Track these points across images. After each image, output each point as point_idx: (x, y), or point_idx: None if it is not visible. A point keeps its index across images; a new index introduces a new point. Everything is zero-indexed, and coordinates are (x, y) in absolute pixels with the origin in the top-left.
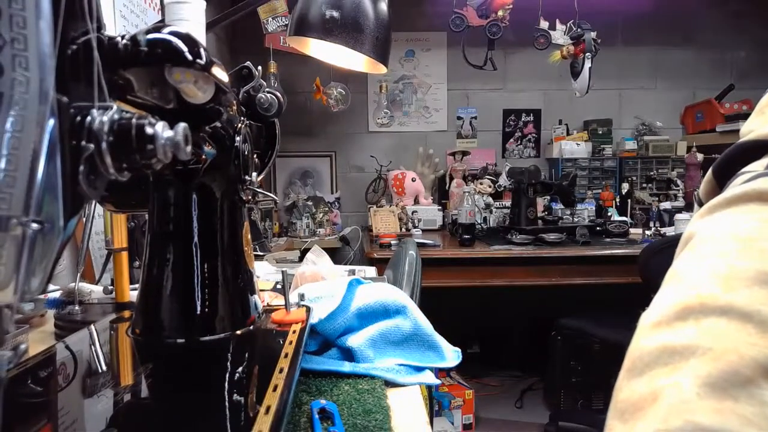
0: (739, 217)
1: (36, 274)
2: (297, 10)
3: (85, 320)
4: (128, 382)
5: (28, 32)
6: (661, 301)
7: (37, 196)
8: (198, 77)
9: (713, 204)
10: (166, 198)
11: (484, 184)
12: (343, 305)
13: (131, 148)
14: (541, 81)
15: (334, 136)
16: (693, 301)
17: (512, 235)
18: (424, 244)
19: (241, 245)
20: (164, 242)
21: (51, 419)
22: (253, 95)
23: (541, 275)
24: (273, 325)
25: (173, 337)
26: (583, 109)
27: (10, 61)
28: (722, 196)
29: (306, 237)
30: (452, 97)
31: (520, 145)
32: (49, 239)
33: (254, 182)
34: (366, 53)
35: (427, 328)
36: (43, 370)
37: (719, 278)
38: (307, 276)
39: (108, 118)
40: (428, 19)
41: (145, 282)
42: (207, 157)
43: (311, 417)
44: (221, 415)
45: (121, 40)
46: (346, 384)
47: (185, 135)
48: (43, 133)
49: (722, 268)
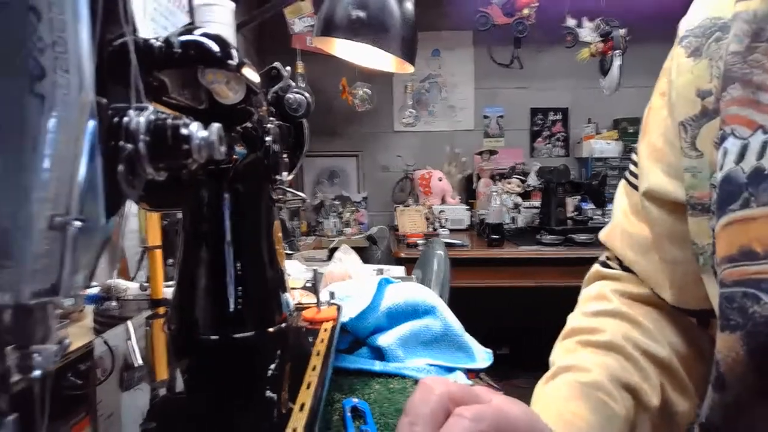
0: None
1: (79, 270)
2: (323, 10)
3: (122, 316)
4: (164, 376)
5: (67, 35)
6: None
7: (79, 195)
8: (230, 78)
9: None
10: (199, 198)
11: (512, 184)
12: (373, 304)
13: (167, 147)
14: (568, 79)
15: (360, 136)
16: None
17: (541, 236)
18: (452, 244)
19: (272, 244)
20: (198, 241)
21: (90, 411)
22: (282, 95)
23: (571, 276)
24: (304, 323)
25: (207, 334)
26: (613, 108)
27: (51, 64)
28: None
29: (333, 236)
30: (478, 96)
31: (549, 144)
32: (91, 237)
33: (284, 182)
34: (392, 52)
35: (458, 329)
36: (83, 364)
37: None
38: (335, 275)
39: (144, 119)
40: (454, 18)
41: (179, 280)
42: (238, 157)
43: (343, 415)
44: (256, 410)
45: (156, 42)
46: (377, 383)
47: (219, 135)
48: (84, 134)
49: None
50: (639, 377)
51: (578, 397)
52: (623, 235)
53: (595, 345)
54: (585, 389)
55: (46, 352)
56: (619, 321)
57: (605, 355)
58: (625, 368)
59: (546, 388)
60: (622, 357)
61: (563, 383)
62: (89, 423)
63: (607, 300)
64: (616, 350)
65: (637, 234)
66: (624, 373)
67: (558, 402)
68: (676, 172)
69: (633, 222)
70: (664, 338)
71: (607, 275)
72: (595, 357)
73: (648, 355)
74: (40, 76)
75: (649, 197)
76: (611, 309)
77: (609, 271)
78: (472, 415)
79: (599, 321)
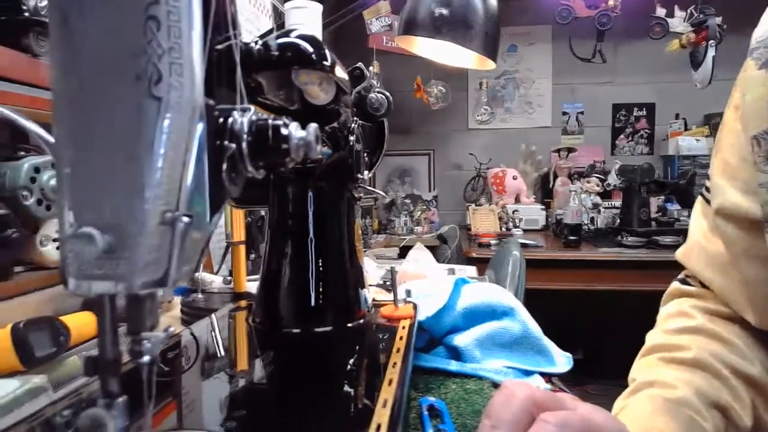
0: None
1: (186, 263)
2: (406, 9)
3: (207, 307)
4: (245, 367)
5: (182, 41)
6: None
7: (188, 192)
8: (322, 78)
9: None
10: (285, 195)
11: (591, 183)
12: (450, 304)
13: (268, 147)
14: (655, 73)
15: (433, 135)
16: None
17: (623, 237)
18: (526, 245)
19: (352, 241)
20: (283, 237)
21: (176, 397)
22: (365, 95)
23: (654, 280)
24: (382, 319)
25: (289, 327)
26: (704, 102)
27: (167, 68)
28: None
29: (404, 234)
30: (557, 91)
31: (632, 141)
32: (197, 233)
33: (365, 180)
34: (475, 49)
35: (537, 332)
36: (171, 352)
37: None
38: (409, 273)
39: (247, 120)
40: (532, 12)
41: (264, 275)
42: (324, 157)
43: (420, 413)
44: (339, 405)
45: (255, 45)
46: (453, 383)
47: (316, 135)
48: (194, 134)
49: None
50: (729, 396)
51: (665, 413)
52: (700, 253)
53: (679, 362)
54: (671, 406)
55: (154, 339)
56: (704, 338)
57: (692, 373)
58: (714, 386)
59: (629, 402)
60: (710, 375)
61: (646, 398)
62: (176, 407)
63: (689, 317)
64: (702, 367)
65: (714, 252)
66: (713, 391)
67: (643, 418)
68: (750, 189)
69: (711, 240)
70: (754, 355)
71: (688, 292)
72: (679, 374)
73: (738, 373)
74: (158, 80)
75: (723, 215)
76: (695, 326)
77: (689, 288)
78: (558, 421)
79: (682, 338)
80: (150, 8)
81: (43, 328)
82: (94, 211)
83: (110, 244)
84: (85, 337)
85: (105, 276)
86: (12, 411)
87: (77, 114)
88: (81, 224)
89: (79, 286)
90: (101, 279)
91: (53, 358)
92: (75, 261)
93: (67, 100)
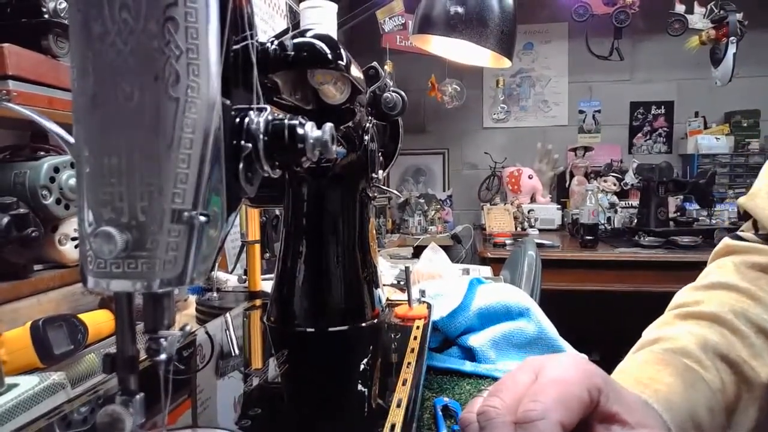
0: None
1: (202, 262)
2: (421, 8)
3: (222, 306)
4: (260, 366)
5: (199, 42)
6: None
7: (205, 192)
8: (337, 78)
9: None
10: (300, 195)
11: (608, 182)
12: (464, 304)
13: (284, 146)
14: (673, 70)
15: (447, 134)
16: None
17: (640, 237)
18: (542, 245)
19: (367, 240)
20: (297, 237)
21: (191, 395)
22: (379, 95)
23: (672, 281)
24: (396, 319)
25: (304, 326)
26: (724, 100)
27: (185, 69)
28: None
29: (418, 234)
30: (573, 90)
31: (650, 140)
32: (214, 232)
33: (380, 179)
34: (491, 48)
35: (552, 333)
36: (186, 350)
37: None
38: (424, 273)
39: (263, 119)
40: (548, 10)
41: (279, 274)
42: (338, 156)
43: (434, 414)
44: (353, 404)
45: (271, 46)
46: (468, 383)
47: (332, 135)
48: (211, 134)
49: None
50: (745, 352)
51: (658, 363)
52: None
53: (696, 316)
54: (667, 355)
55: (171, 338)
56: (735, 294)
57: (705, 327)
58: (728, 340)
59: (624, 361)
60: (727, 330)
61: (645, 352)
62: (191, 405)
63: (724, 270)
64: (720, 322)
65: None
66: (725, 345)
67: (634, 368)
68: None
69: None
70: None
71: (737, 248)
72: (689, 327)
73: (763, 331)
74: (176, 80)
75: None
76: (726, 282)
77: (740, 243)
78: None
79: (708, 294)
80: (168, 10)
81: (61, 325)
82: (113, 210)
83: (129, 242)
84: (102, 335)
85: (124, 274)
86: (31, 407)
87: (97, 114)
88: (100, 223)
89: (98, 284)
90: (120, 277)
91: (71, 355)
92: (94, 259)
93: (86, 100)
